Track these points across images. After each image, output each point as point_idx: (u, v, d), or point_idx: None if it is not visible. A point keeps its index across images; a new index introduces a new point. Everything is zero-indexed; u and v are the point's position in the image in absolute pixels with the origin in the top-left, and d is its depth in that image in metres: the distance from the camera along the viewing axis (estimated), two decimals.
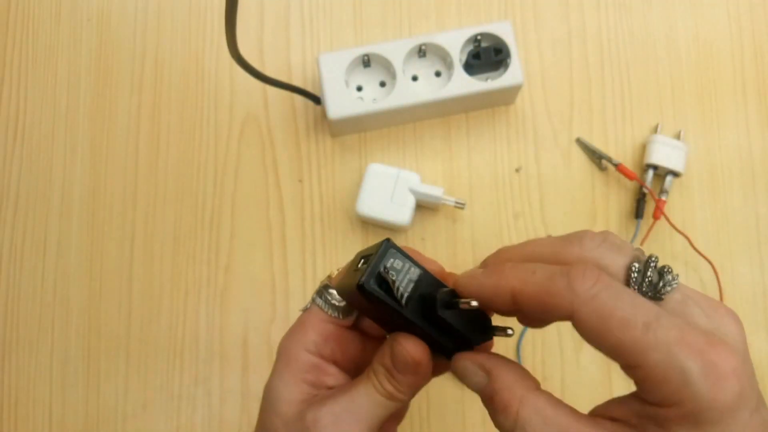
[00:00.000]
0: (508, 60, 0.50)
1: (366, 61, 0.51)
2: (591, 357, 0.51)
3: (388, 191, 0.49)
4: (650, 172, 0.52)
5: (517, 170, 0.54)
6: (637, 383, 0.23)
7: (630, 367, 0.22)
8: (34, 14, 0.56)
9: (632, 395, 0.24)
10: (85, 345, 0.51)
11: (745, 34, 0.56)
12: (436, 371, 0.31)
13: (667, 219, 0.51)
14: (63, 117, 0.55)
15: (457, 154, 0.54)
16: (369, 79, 0.52)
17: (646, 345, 0.22)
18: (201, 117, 0.54)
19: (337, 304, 0.32)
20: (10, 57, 0.56)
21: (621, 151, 0.54)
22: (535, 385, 0.26)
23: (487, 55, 0.50)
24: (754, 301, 0.52)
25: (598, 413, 0.25)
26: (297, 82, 0.54)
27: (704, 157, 0.54)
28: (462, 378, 0.29)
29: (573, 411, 0.24)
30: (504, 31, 0.50)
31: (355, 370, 0.33)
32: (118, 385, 0.51)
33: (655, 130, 0.54)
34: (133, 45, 0.55)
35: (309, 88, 0.52)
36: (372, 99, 0.51)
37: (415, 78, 0.52)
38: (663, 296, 0.24)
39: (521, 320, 0.27)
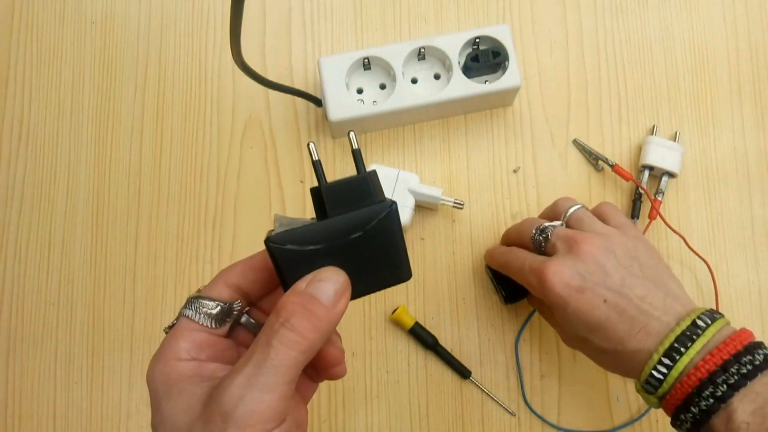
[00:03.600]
0: (507, 62, 0.51)
1: (366, 64, 0.52)
2: None
3: (388, 192, 0.50)
4: (646, 173, 0.53)
5: (514, 171, 0.54)
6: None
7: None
8: (38, 17, 0.57)
9: None
10: (90, 343, 0.52)
11: (740, 36, 0.57)
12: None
13: (663, 219, 0.52)
14: (68, 118, 0.55)
15: (456, 155, 0.54)
16: (369, 82, 0.53)
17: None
18: (204, 118, 0.55)
19: (210, 311, 0.30)
20: (15, 58, 0.56)
21: (617, 152, 0.55)
22: None
23: (486, 58, 0.51)
24: (749, 299, 0.53)
25: None
26: (298, 85, 0.55)
27: (700, 157, 0.55)
28: None
29: None
30: (502, 34, 0.51)
31: None
32: (122, 383, 0.51)
33: (651, 131, 0.55)
34: (136, 48, 0.56)
35: (310, 91, 0.52)
36: (372, 101, 0.52)
37: (414, 80, 0.53)
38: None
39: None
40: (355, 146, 0.30)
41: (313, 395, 0.34)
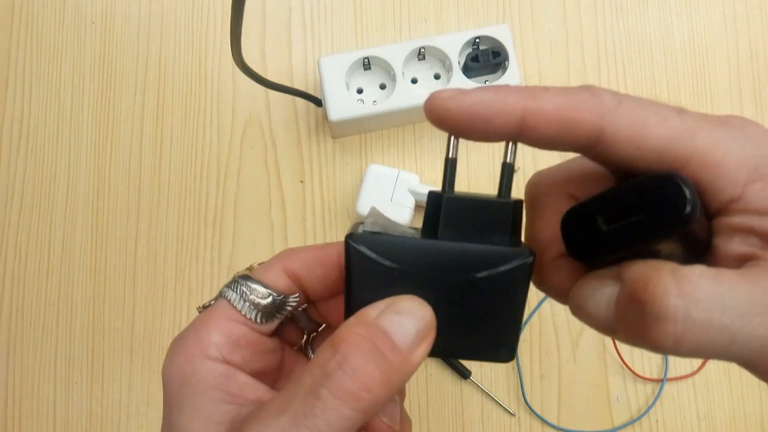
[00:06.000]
0: (507, 63, 0.51)
1: (366, 64, 0.52)
2: (588, 356, 0.52)
3: (388, 192, 0.50)
4: None
5: (515, 171, 0.54)
6: (698, 187, 0.19)
7: (681, 167, 0.19)
8: (37, 17, 0.57)
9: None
10: (89, 343, 0.52)
11: (740, 36, 0.57)
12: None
13: None
14: (67, 118, 0.55)
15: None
16: (369, 82, 0.53)
17: (690, 129, 0.19)
18: (204, 119, 0.55)
19: (259, 300, 0.24)
20: (14, 59, 0.56)
21: None
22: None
23: (486, 58, 0.51)
24: None
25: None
26: (298, 85, 0.55)
27: None
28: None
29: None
30: (502, 34, 0.51)
31: (273, 388, 0.24)
32: (122, 383, 0.51)
33: None
34: (136, 48, 0.56)
35: (310, 91, 0.52)
36: (372, 101, 0.52)
37: (414, 80, 0.53)
38: None
39: (523, 142, 0.22)
40: (510, 160, 0.22)
41: None
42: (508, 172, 0.22)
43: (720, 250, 0.19)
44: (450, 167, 0.22)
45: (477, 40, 0.51)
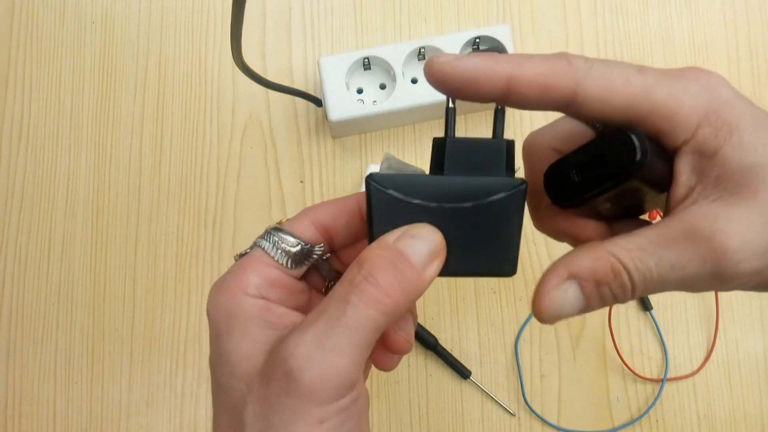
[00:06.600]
0: None
1: (366, 64, 0.52)
2: (588, 356, 0.52)
3: None
4: None
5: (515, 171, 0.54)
6: (659, 133, 0.24)
7: (644, 118, 0.23)
8: (37, 17, 0.57)
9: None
10: (89, 343, 0.52)
11: (740, 36, 0.57)
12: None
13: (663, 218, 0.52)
14: (67, 118, 0.55)
15: None
16: (369, 82, 0.53)
17: (649, 86, 0.23)
18: (204, 118, 0.55)
19: (289, 249, 0.27)
20: (15, 59, 0.56)
21: None
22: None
23: None
24: (749, 299, 0.53)
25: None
26: (298, 85, 0.55)
27: None
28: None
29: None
30: (502, 34, 0.51)
31: None
32: (122, 383, 0.51)
33: None
34: (136, 47, 0.56)
35: (310, 91, 0.52)
36: (372, 101, 0.52)
37: (414, 80, 0.53)
38: None
39: (508, 105, 0.25)
40: (501, 106, 0.26)
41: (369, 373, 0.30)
42: (500, 116, 0.26)
43: (677, 180, 0.24)
44: (451, 115, 0.26)
45: (477, 40, 0.51)
